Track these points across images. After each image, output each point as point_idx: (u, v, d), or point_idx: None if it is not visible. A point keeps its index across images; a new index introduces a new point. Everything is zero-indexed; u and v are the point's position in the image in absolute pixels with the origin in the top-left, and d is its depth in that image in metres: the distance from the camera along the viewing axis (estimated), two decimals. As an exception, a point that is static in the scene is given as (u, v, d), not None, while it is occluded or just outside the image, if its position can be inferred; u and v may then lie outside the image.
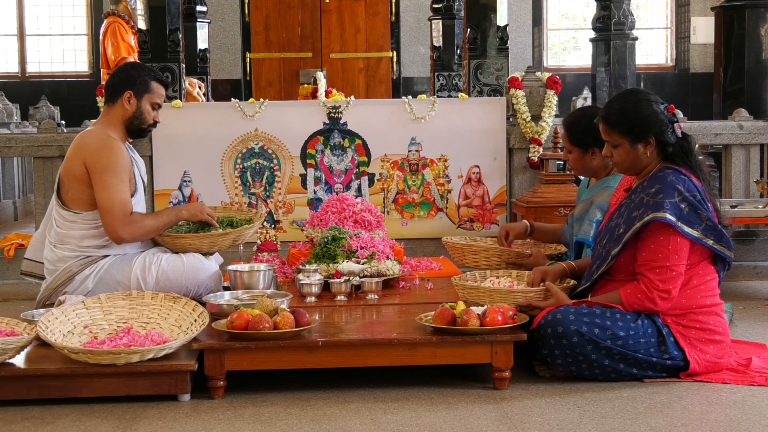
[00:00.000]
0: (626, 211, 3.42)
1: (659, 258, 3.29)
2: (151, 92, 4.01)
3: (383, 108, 5.59)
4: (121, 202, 3.82)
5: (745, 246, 5.46)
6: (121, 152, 3.88)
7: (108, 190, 3.81)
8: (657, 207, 3.29)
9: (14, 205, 8.13)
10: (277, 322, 3.24)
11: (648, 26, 12.57)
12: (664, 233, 3.30)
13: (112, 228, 3.82)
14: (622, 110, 3.46)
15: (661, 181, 3.36)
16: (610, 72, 7.67)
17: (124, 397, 3.18)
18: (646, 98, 3.46)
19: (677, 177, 3.37)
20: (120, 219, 3.81)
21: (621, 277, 3.44)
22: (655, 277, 3.29)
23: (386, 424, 2.95)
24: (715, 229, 3.35)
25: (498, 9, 6.42)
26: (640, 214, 3.33)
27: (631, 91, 3.61)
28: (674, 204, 3.30)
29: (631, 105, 3.46)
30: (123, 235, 3.83)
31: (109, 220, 3.81)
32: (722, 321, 3.42)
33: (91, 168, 3.82)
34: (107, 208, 3.80)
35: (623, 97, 3.54)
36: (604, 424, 2.93)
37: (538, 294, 3.49)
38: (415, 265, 4.53)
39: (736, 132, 5.61)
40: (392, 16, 11.46)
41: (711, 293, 3.40)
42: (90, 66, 12.34)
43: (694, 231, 3.31)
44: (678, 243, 3.30)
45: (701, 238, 3.32)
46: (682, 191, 3.33)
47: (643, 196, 3.36)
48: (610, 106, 3.53)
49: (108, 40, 7.61)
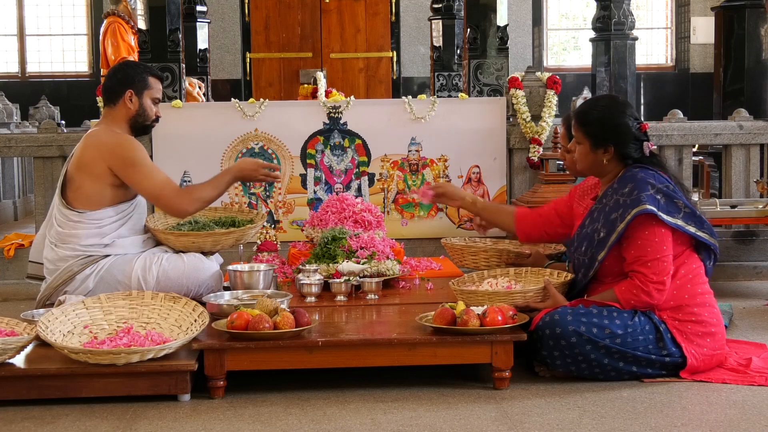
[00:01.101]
0: (600, 216, 3.48)
1: (648, 252, 3.34)
2: (150, 88, 4.03)
3: (383, 108, 5.59)
4: (165, 182, 3.91)
5: (745, 246, 5.46)
6: (138, 142, 3.96)
7: (147, 179, 3.87)
8: (636, 203, 3.36)
9: (14, 205, 8.13)
10: (277, 322, 3.24)
11: (648, 26, 12.57)
12: (648, 227, 3.35)
13: (173, 207, 3.91)
14: (594, 112, 3.56)
15: (631, 179, 3.43)
16: (610, 72, 7.67)
17: (124, 397, 3.18)
18: (622, 109, 3.54)
19: (646, 172, 3.45)
20: (176, 196, 3.90)
21: (608, 280, 3.49)
22: (648, 271, 3.33)
23: (386, 424, 2.95)
24: (695, 215, 3.42)
25: (498, 9, 6.42)
26: (621, 214, 3.38)
27: (611, 97, 3.71)
28: (650, 196, 3.37)
29: (605, 110, 3.55)
30: (187, 208, 3.93)
31: (166, 202, 3.89)
32: (715, 311, 3.45)
33: (119, 165, 3.86)
34: (157, 193, 3.88)
35: (601, 100, 3.67)
36: (604, 424, 2.93)
37: (535, 295, 3.50)
38: (415, 265, 4.54)
39: (736, 132, 5.61)
40: (392, 16, 11.46)
41: (700, 281, 3.45)
42: (90, 66, 12.34)
43: (676, 219, 3.38)
44: (663, 234, 3.36)
45: (683, 225, 3.39)
46: (654, 184, 3.40)
47: (618, 198, 3.42)
48: (586, 104, 3.66)
49: (108, 40, 7.62)
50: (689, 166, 5.61)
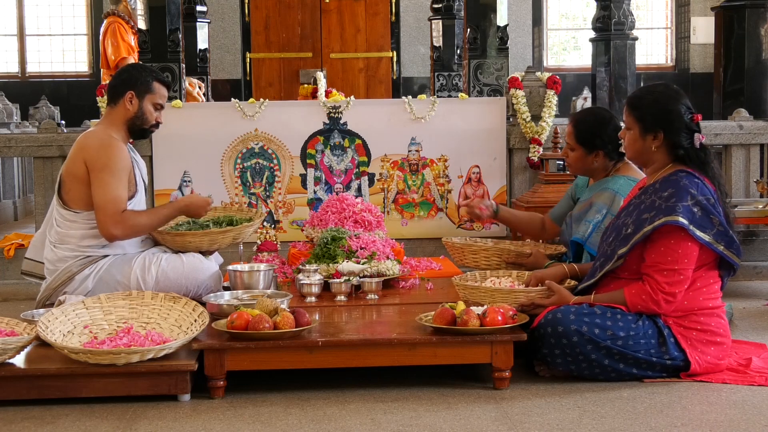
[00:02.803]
0: (635, 211, 3.41)
1: (668, 261, 3.28)
2: (153, 92, 4.00)
3: (383, 108, 5.59)
4: (114, 200, 3.79)
5: (745, 246, 5.45)
6: (122, 152, 3.87)
7: (103, 188, 3.79)
8: (669, 211, 3.27)
9: (14, 205, 8.13)
10: (277, 322, 3.24)
11: (648, 26, 12.57)
12: (675, 237, 3.28)
13: (104, 225, 3.80)
14: (648, 96, 3.47)
15: (674, 185, 3.34)
16: (610, 72, 7.66)
17: (124, 397, 3.18)
18: (676, 97, 3.45)
19: (690, 180, 3.35)
20: (111, 216, 3.78)
21: (625, 275, 3.42)
22: (662, 279, 3.28)
23: (386, 424, 2.95)
24: (726, 235, 3.33)
25: (498, 9, 6.43)
26: (651, 216, 3.31)
27: (666, 85, 3.58)
28: (687, 207, 3.28)
29: (659, 95, 3.46)
30: (114, 233, 3.81)
31: (102, 218, 3.79)
32: (723, 323, 3.41)
33: (90, 166, 3.82)
34: (100, 205, 3.79)
35: (657, 86, 3.54)
36: (604, 424, 2.93)
37: (540, 292, 3.49)
38: (415, 265, 4.53)
39: (736, 132, 5.61)
40: (392, 16, 11.46)
41: (713, 296, 3.40)
42: (90, 66, 12.34)
43: (706, 235, 3.29)
44: (688, 247, 3.28)
45: (712, 243, 3.31)
46: (695, 195, 3.31)
47: (655, 199, 3.34)
48: (640, 90, 3.57)
49: (108, 40, 7.61)
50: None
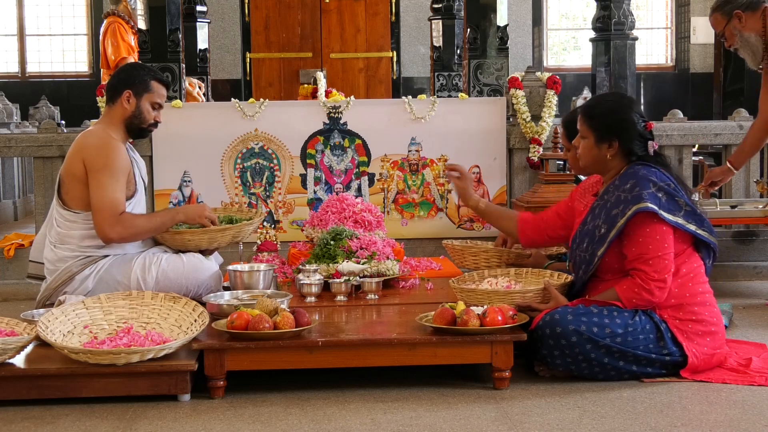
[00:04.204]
0: (602, 211, 3.48)
1: (650, 250, 3.35)
2: (151, 92, 3.99)
3: (383, 108, 5.59)
4: (112, 202, 3.79)
5: (745, 246, 5.46)
6: (120, 152, 3.87)
7: (101, 189, 3.79)
8: (636, 200, 3.36)
9: (14, 205, 8.14)
10: (277, 322, 3.24)
11: (648, 26, 12.58)
12: (649, 224, 3.36)
13: (100, 227, 3.80)
14: (601, 106, 3.59)
15: (633, 176, 3.44)
16: (610, 72, 7.66)
17: (124, 397, 3.18)
18: (629, 105, 3.57)
19: (648, 170, 3.46)
20: (108, 218, 3.78)
21: (609, 277, 3.49)
22: (649, 268, 3.34)
23: (386, 424, 2.95)
24: (695, 214, 3.43)
25: (498, 9, 6.43)
26: (621, 210, 3.39)
27: (619, 94, 3.76)
28: (652, 194, 3.37)
29: (612, 104, 3.58)
30: (111, 235, 3.80)
31: (98, 219, 3.79)
32: (715, 311, 3.46)
33: (89, 167, 3.81)
34: (98, 206, 3.79)
35: (609, 96, 3.72)
36: (604, 424, 2.93)
37: (535, 295, 3.50)
38: (415, 265, 4.53)
39: (736, 132, 5.61)
40: (392, 16, 11.46)
41: (701, 280, 3.46)
42: (90, 66, 12.34)
43: (677, 218, 3.38)
44: (664, 232, 3.36)
45: (684, 224, 3.39)
46: (656, 182, 3.41)
47: (619, 194, 3.43)
48: (594, 99, 3.71)
49: (108, 40, 7.61)
50: (689, 166, 5.61)
